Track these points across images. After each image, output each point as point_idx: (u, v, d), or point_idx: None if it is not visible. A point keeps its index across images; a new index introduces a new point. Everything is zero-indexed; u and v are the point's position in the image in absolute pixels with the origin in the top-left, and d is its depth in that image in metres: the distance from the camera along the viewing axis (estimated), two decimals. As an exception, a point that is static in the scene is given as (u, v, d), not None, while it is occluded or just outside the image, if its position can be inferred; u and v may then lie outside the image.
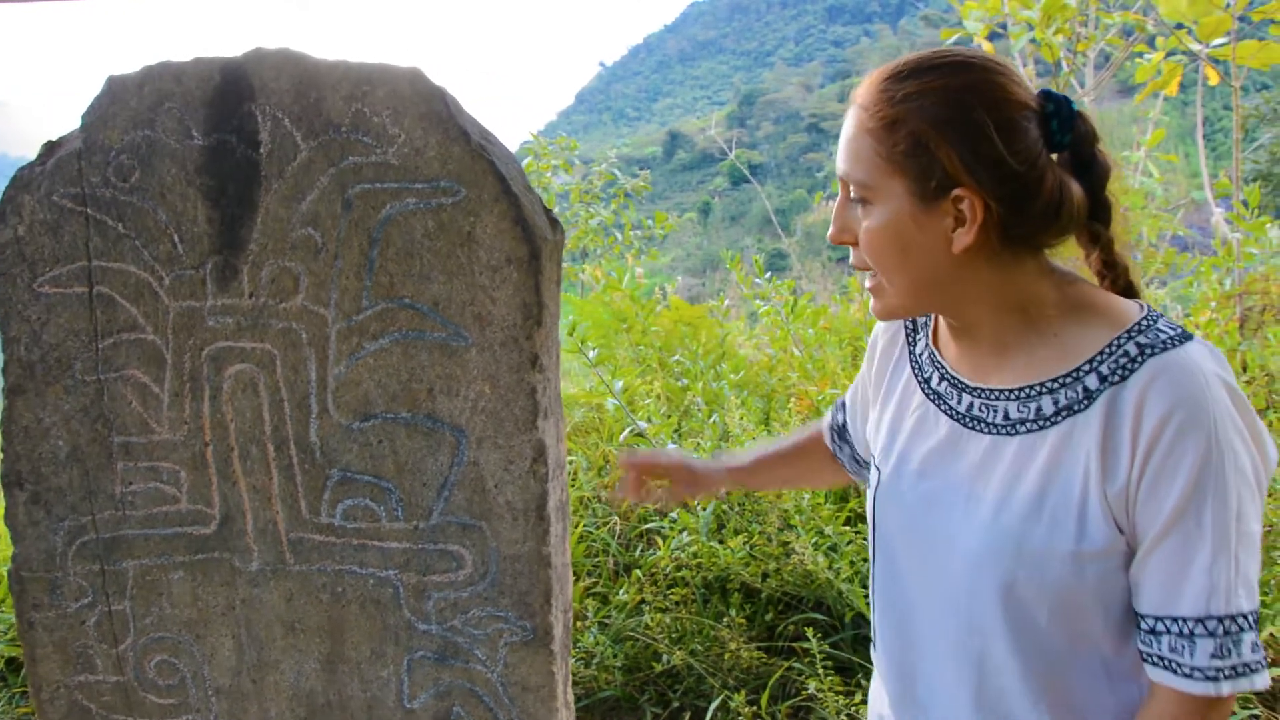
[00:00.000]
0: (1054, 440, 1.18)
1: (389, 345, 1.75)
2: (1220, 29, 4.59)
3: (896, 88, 1.18)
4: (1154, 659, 1.15)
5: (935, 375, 1.36)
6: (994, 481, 1.23)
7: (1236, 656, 1.10)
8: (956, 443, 1.29)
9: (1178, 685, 1.13)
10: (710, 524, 3.64)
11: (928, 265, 1.21)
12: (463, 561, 1.79)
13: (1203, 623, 1.10)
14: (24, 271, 1.84)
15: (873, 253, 1.23)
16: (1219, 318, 3.85)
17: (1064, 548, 1.16)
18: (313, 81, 1.74)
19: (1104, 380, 1.15)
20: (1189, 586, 1.10)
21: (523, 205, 1.70)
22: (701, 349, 4.47)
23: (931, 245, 1.19)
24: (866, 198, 1.21)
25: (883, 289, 1.26)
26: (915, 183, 1.17)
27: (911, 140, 1.16)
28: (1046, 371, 1.21)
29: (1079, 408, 1.16)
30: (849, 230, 1.25)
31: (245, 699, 1.92)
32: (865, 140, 1.20)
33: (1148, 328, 1.16)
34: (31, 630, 1.93)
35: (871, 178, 1.20)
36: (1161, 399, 1.09)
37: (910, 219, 1.19)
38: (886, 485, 1.39)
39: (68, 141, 1.84)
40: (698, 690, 3.20)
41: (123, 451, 1.86)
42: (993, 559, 1.21)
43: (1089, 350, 1.18)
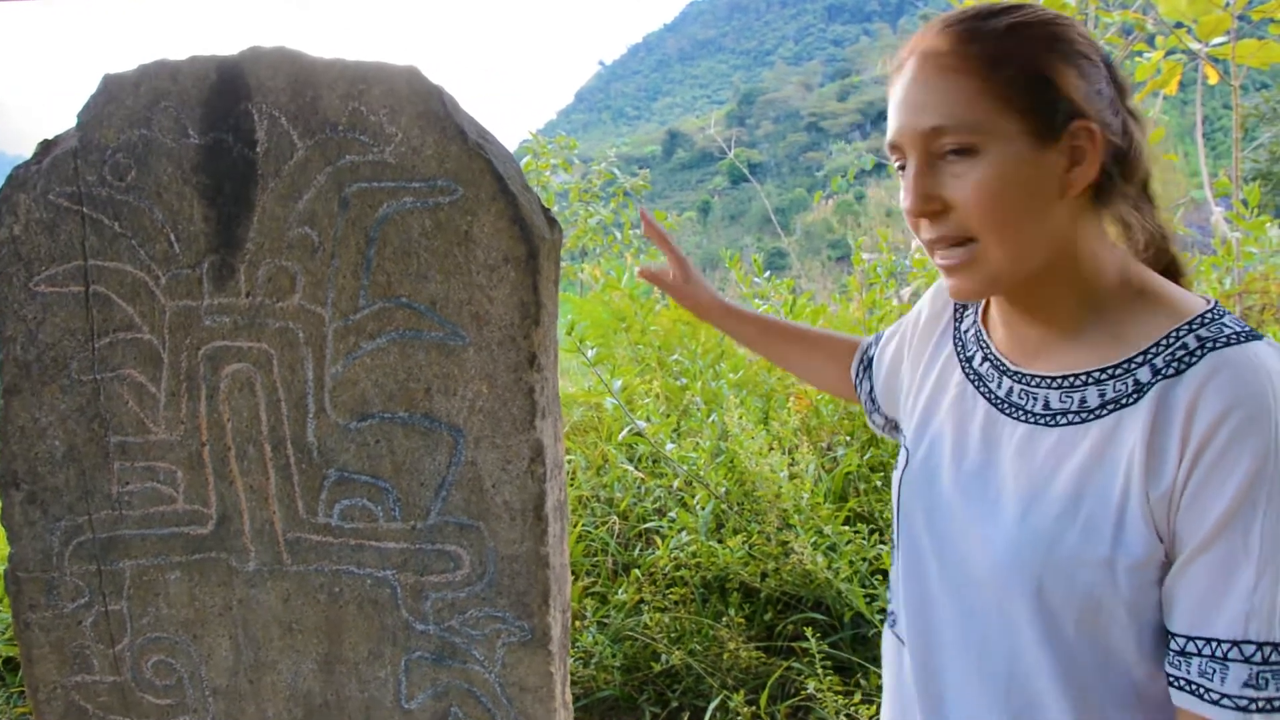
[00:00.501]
0: (1096, 435, 1.09)
1: (386, 344, 1.75)
2: (1219, 28, 4.58)
3: (986, 25, 1.09)
4: (1181, 683, 1.04)
5: (979, 355, 1.27)
6: (1027, 475, 1.14)
7: (1274, 689, 0.98)
8: (992, 429, 1.20)
9: (1204, 713, 1.02)
10: (709, 523, 3.64)
11: (1038, 216, 1.09)
12: (460, 562, 1.78)
13: (1239, 647, 0.99)
14: (20, 271, 1.83)
15: (985, 208, 1.08)
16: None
17: (1098, 555, 1.06)
18: (309, 80, 1.73)
19: (1157, 373, 1.05)
20: (1228, 606, 0.99)
21: (520, 204, 1.70)
22: (700, 348, 4.46)
23: (1046, 191, 1.08)
24: (972, 145, 1.07)
25: (981, 258, 1.11)
26: (1033, 118, 1.07)
27: (1029, 70, 1.07)
28: (1096, 360, 1.12)
29: (1127, 401, 1.07)
30: (935, 198, 1.10)
31: (242, 699, 1.92)
32: (963, 83, 1.08)
33: (1211, 321, 1.06)
34: (28, 630, 1.93)
35: (980, 119, 1.07)
36: (1219, 397, 0.99)
37: (1029, 162, 1.07)
38: (917, 469, 1.31)
39: (64, 140, 1.83)
40: (697, 690, 3.19)
41: (119, 451, 1.85)
42: (1021, 560, 1.12)
43: (1145, 340, 1.08)
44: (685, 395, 4.34)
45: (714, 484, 3.71)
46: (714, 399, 4.19)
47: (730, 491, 3.75)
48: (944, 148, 1.09)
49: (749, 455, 3.55)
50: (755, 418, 3.98)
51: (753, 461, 3.54)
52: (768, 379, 4.61)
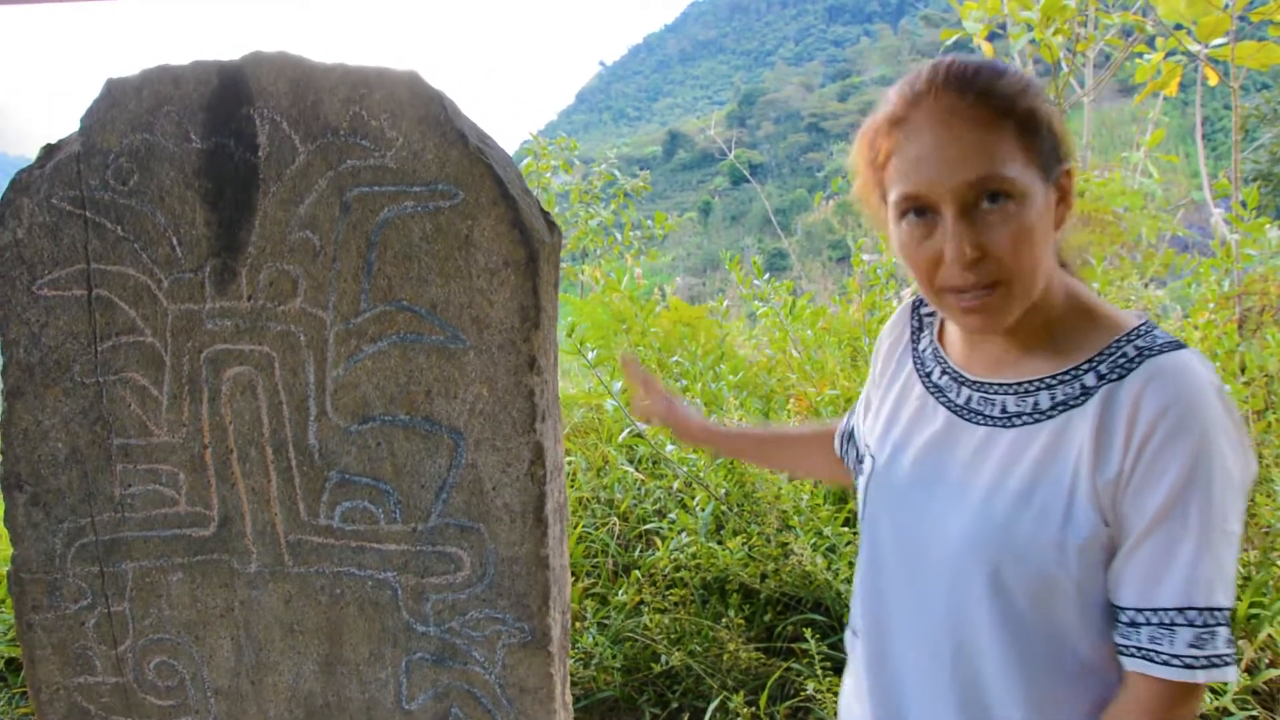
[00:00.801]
0: (1049, 433, 1.22)
1: (387, 348, 1.76)
2: (1219, 29, 4.59)
3: (1000, 82, 1.18)
4: (1132, 650, 1.17)
5: (937, 370, 1.40)
6: (986, 471, 1.26)
7: (1212, 648, 1.13)
8: (952, 433, 1.32)
9: (1155, 673, 1.15)
10: (709, 525, 3.65)
11: (1049, 252, 1.22)
12: (461, 563, 1.79)
13: (1183, 613, 1.13)
14: (23, 274, 1.84)
15: (1024, 252, 1.17)
16: (1217, 319, 3.85)
17: (1050, 536, 1.18)
18: (310, 84, 1.74)
19: (1102, 378, 1.19)
20: (1171, 578, 1.13)
21: (520, 208, 1.71)
22: (700, 350, 4.47)
23: (1049, 230, 1.21)
24: (1010, 193, 1.16)
25: (1005, 298, 1.20)
26: (1042, 165, 1.19)
27: (1044, 127, 1.19)
28: (1048, 368, 1.25)
29: (1075, 403, 1.20)
30: (978, 246, 1.17)
31: (244, 700, 1.93)
32: (998, 135, 1.17)
33: (1146, 334, 1.21)
34: (31, 631, 1.94)
35: (1021, 173, 1.17)
36: (1158, 397, 1.13)
37: (1046, 204, 1.20)
38: (881, 472, 1.41)
39: (66, 145, 1.85)
40: (696, 691, 3.20)
41: (122, 454, 1.87)
42: (980, 545, 1.23)
43: (1090, 350, 1.22)
44: (685, 397, 4.35)
45: (714, 485, 3.72)
46: (714, 400, 4.20)
47: (730, 493, 3.75)
48: (981, 198, 1.17)
49: (749, 457, 3.56)
50: (755, 419, 3.99)
51: (753, 463, 3.55)
52: (767, 380, 4.62)
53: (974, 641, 1.26)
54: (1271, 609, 2.97)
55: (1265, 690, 2.93)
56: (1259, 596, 3.05)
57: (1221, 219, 5.21)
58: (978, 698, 1.28)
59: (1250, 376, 3.89)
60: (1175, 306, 5.11)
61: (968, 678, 1.28)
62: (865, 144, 1.29)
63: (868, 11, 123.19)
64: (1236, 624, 3.00)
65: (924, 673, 1.33)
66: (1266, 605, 3.00)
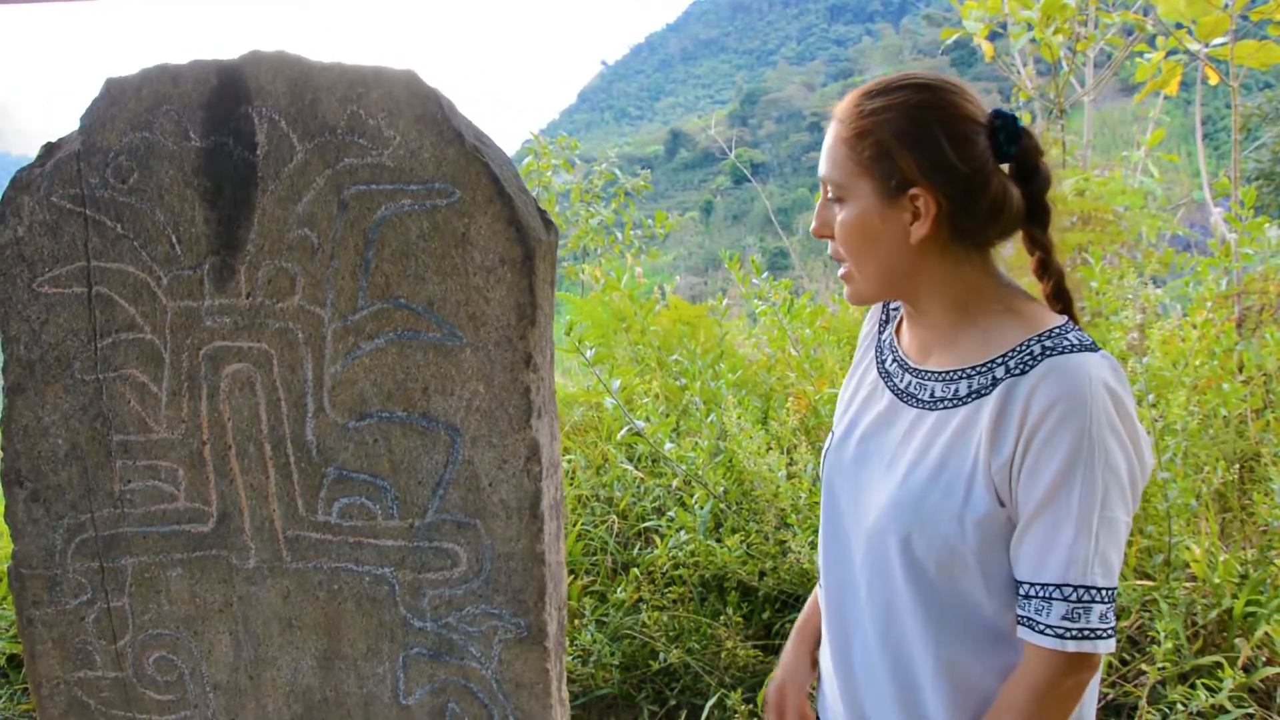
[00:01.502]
0: (961, 418, 1.36)
1: (385, 345, 1.77)
2: (1219, 29, 4.60)
3: (867, 104, 1.38)
4: (1022, 619, 1.31)
5: (890, 357, 1.57)
6: (910, 449, 1.42)
7: (1085, 621, 1.27)
8: (892, 414, 1.49)
9: (1034, 640, 1.29)
10: (708, 523, 3.66)
11: (890, 255, 1.40)
12: (457, 559, 1.81)
13: (1059, 589, 1.27)
14: (23, 271, 1.85)
15: (845, 243, 1.42)
16: (1215, 317, 3.85)
17: (952, 510, 1.34)
18: (308, 84, 1.76)
19: (1009, 372, 1.33)
20: (1053, 557, 1.27)
21: (517, 206, 1.72)
22: (700, 348, 4.48)
23: (893, 237, 1.39)
24: (841, 196, 1.41)
25: (852, 276, 1.45)
26: (879, 183, 1.37)
27: (877, 148, 1.36)
28: (969, 359, 1.40)
29: (985, 392, 1.35)
30: (828, 225, 1.45)
31: (242, 695, 1.94)
32: (840, 148, 1.40)
33: (1058, 335, 1.33)
34: (31, 627, 1.95)
35: (845, 179, 1.40)
36: (1049, 391, 1.27)
37: (876, 214, 1.38)
38: (835, 446, 1.59)
39: (67, 143, 1.86)
40: (694, 688, 3.21)
41: (121, 450, 1.88)
42: (897, 515, 1.39)
43: (1005, 346, 1.36)
44: (684, 395, 4.35)
45: (712, 483, 3.73)
46: (713, 399, 4.20)
47: (729, 491, 3.76)
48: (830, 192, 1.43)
49: (747, 455, 3.57)
50: (754, 418, 3.99)
51: (751, 461, 3.56)
52: (767, 379, 4.63)
53: (896, 603, 1.42)
54: (1268, 606, 2.97)
55: (1262, 688, 2.94)
56: (1255, 595, 3.05)
57: (1221, 218, 5.22)
58: (902, 654, 1.43)
59: (1249, 375, 3.90)
60: (1175, 305, 5.11)
61: (895, 636, 1.43)
62: None
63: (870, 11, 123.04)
64: (1234, 622, 3.01)
65: (865, 630, 1.48)
66: (1263, 603, 3.01)
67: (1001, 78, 6.93)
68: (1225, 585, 3.07)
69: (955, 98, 1.37)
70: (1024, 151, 1.38)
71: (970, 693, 1.39)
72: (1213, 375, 3.55)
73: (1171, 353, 3.61)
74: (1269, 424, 3.83)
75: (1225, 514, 3.59)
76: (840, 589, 1.54)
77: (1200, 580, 3.14)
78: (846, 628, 1.53)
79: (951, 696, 1.39)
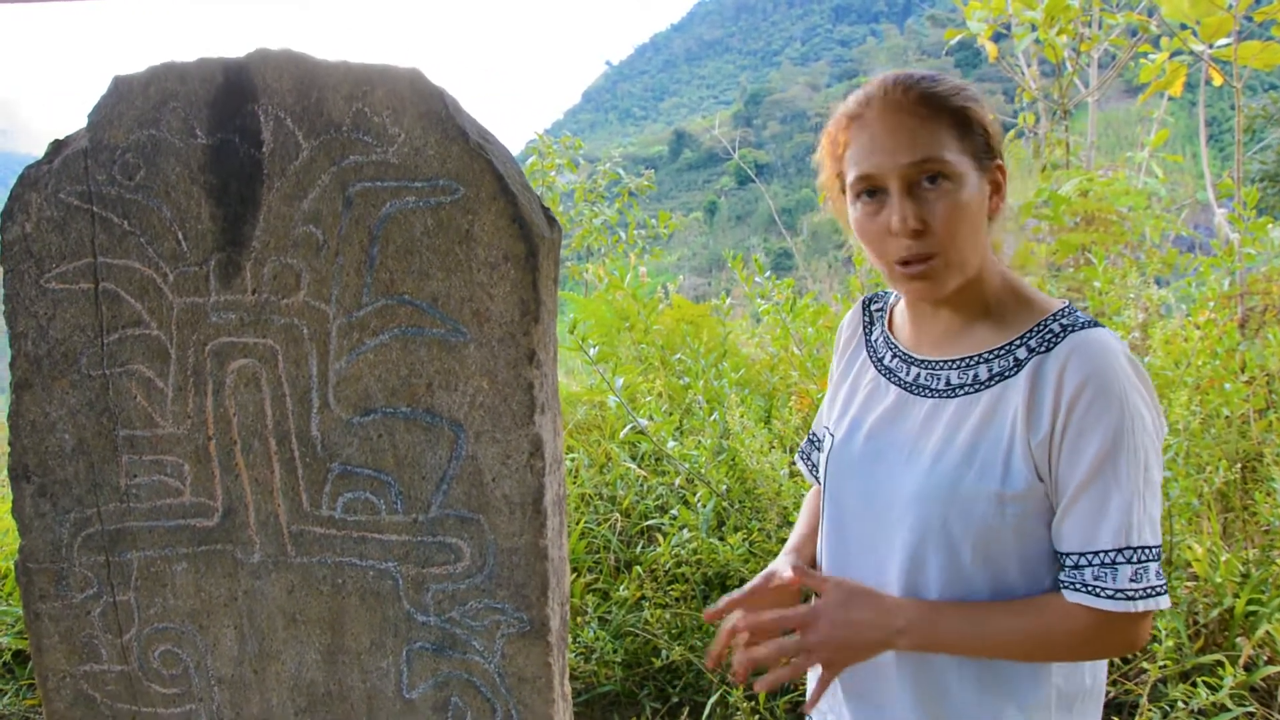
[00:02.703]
0: (987, 401, 1.39)
1: (389, 341, 1.78)
2: (1222, 30, 4.60)
3: (947, 84, 1.40)
4: (1077, 586, 1.33)
5: (888, 354, 1.57)
6: (933, 436, 1.43)
7: (1147, 580, 1.31)
8: (902, 407, 1.50)
9: (1101, 605, 1.31)
10: (710, 521, 3.67)
11: (979, 232, 1.41)
12: (461, 554, 1.82)
13: (1121, 552, 1.30)
14: (31, 268, 1.87)
15: (954, 228, 1.36)
16: (1218, 318, 3.86)
17: (990, 489, 1.35)
18: (314, 81, 1.77)
19: (1032, 351, 1.37)
20: (1108, 524, 1.30)
21: (520, 203, 1.73)
22: (703, 347, 4.49)
23: (981, 213, 1.40)
24: (949, 175, 1.36)
25: (944, 267, 1.38)
26: (976, 159, 1.39)
27: (978, 123, 1.40)
28: (985, 344, 1.43)
29: (1009, 374, 1.38)
30: (918, 219, 1.36)
31: (247, 689, 1.95)
32: (942, 127, 1.37)
33: (1069, 314, 1.39)
34: (38, 621, 1.97)
35: (955, 158, 1.37)
36: (1080, 367, 1.31)
37: (977, 191, 1.39)
38: (839, 447, 1.57)
39: (74, 140, 1.87)
40: (697, 685, 3.22)
41: (127, 445, 1.89)
42: (929, 501, 1.40)
43: (1020, 328, 1.41)
44: (688, 394, 4.36)
45: (715, 482, 3.74)
46: (716, 398, 4.22)
47: (731, 489, 3.78)
48: (921, 177, 1.37)
49: (750, 453, 3.58)
50: (757, 416, 4.01)
51: (754, 459, 3.57)
52: (770, 378, 4.64)
53: (925, 591, 1.42)
54: (1270, 606, 2.98)
55: (1263, 687, 2.95)
56: (1257, 594, 3.06)
57: (1225, 219, 5.22)
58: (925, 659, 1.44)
59: (1251, 375, 3.90)
60: (1179, 306, 5.11)
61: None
62: (827, 139, 1.50)
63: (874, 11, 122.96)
64: (1235, 621, 3.02)
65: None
66: (1265, 602, 3.02)
67: (1005, 78, 6.93)
68: (1227, 584, 3.08)
69: None
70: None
71: (997, 675, 1.41)
72: (1215, 375, 3.56)
73: (1174, 352, 3.62)
74: (1271, 424, 3.84)
75: (1227, 513, 3.60)
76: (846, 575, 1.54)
77: (1202, 579, 3.15)
78: None
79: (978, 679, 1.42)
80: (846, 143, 1.44)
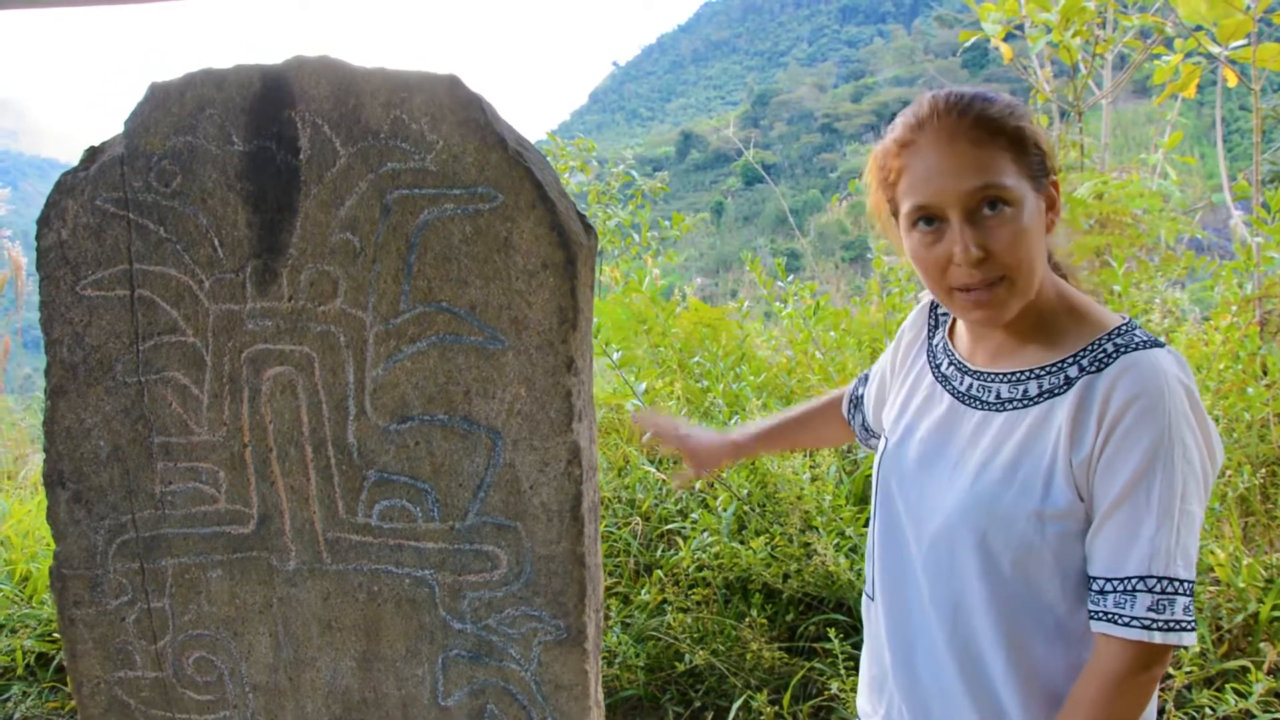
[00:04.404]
0: (1034, 417, 1.38)
1: (426, 348, 1.78)
2: (1240, 31, 4.59)
3: (993, 106, 1.37)
4: (1099, 614, 1.31)
5: (945, 361, 1.56)
6: (979, 450, 1.43)
7: (1170, 614, 1.27)
8: (954, 417, 1.50)
9: (1118, 634, 1.29)
10: (731, 525, 3.66)
11: (1043, 252, 1.39)
12: (498, 561, 1.82)
13: (1143, 580, 1.28)
14: (67, 274, 1.87)
15: (1022, 251, 1.35)
16: (1239, 321, 3.85)
17: (1030, 507, 1.35)
18: (352, 88, 1.77)
19: (1083, 370, 1.35)
20: (1135, 550, 1.28)
21: (559, 211, 1.73)
22: (721, 351, 4.49)
23: (1041, 232, 1.39)
24: (1010, 201, 1.34)
25: (1007, 293, 1.37)
26: (1033, 180, 1.37)
27: (1031, 144, 1.37)
28: (1037, 360, 1.41)
29: (1059, 392, 1.36)
30: (981, 247, 1.34)
31: (282, 696, 1.95)
32: (999, 153, 1.35)
33: (1126, 333, 1.36)
34: (72, 626, 1.97)
35: (1014, 183, 1.35)
36: (1128, 388, 1.29)
37: (1038, 210, 1.37)
38: (892, 450, 1.58)
39: (110, 147, 1.88)
40: (720, 690, 3.22)
41: (163, 452, 1.89)
42: (970, 515, 1.40)
43: (1075, 346, 1.38)
44: (707, 397, 4.36)
45: (736, 486, 3.74)
46: (735, 401, 4.21)
47: (752, 493, 3.77)
48: (982, 205, 1.34)
49: (771, 457, 3.58)
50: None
51: (775, 464, 3.57)
52: (788, 382, 4.63)
53: (968, 601, 1.42)
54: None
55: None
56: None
57: (1241, 221, 5.20)
58: (971, 653, 1.43)
59: (1272, 379, 3.88)
60: (1194, 308, 5.10)
61: (964, 635, 1.44)
62: (876, 166, 1.48)
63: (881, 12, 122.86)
64: (1260, 626, 3.00)
65: (931, 629, 1.48)
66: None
67: (1017, 79, 6.92)
68: (1250, 590, 3.06)
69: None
70: None
71: (1044, 688, 1.40)
72: (1236, 379, 3.55)
73: (1195, 357, 3.61)
74: (1294, 428, 3.82)
75: (1248, 518, 3.59)
76: (900, 593, 1.55)
77: (1225, 584, 3.13)
78: (909, 632, 1.53)
79: (1026, 692, 1.40)
80: (900, 169, 1.41)
